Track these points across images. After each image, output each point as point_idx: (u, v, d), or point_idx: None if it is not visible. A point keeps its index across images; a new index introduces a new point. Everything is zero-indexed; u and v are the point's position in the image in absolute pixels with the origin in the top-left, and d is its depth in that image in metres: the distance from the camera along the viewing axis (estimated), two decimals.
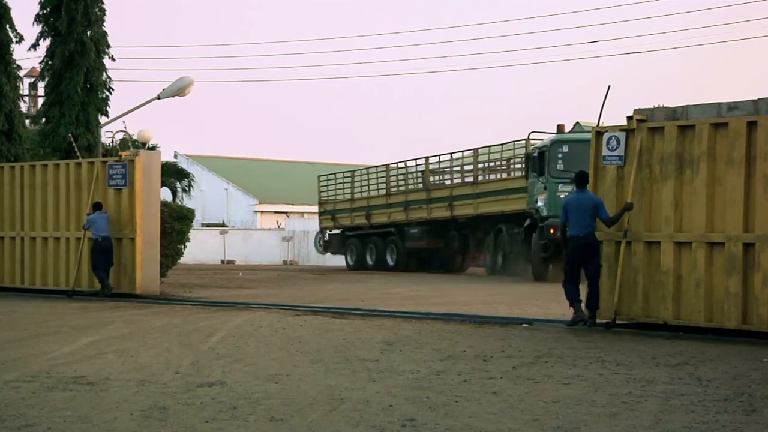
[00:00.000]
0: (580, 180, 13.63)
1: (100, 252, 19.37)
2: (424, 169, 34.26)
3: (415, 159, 34.95)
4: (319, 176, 40.90)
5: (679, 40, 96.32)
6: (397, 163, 36.15)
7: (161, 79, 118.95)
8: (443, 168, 34.67)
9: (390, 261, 35.05)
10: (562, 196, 23.11)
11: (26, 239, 21.26)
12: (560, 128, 27.43)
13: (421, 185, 34.29)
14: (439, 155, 34.19)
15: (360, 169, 38.11)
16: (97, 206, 19.46)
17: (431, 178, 34.17)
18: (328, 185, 39.61)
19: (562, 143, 25.70)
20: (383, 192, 35.95)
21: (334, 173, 39.47)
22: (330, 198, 39.11)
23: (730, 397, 8.31)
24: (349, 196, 37.68)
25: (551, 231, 24.08)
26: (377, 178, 36.70)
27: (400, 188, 35.46)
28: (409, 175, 35.67)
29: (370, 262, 35.95)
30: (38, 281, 20.98)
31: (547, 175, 25.43)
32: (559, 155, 25.43)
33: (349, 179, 38.08)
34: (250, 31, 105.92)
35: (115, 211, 19.60)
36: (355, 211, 36.89)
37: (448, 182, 34.31)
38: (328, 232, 39.00)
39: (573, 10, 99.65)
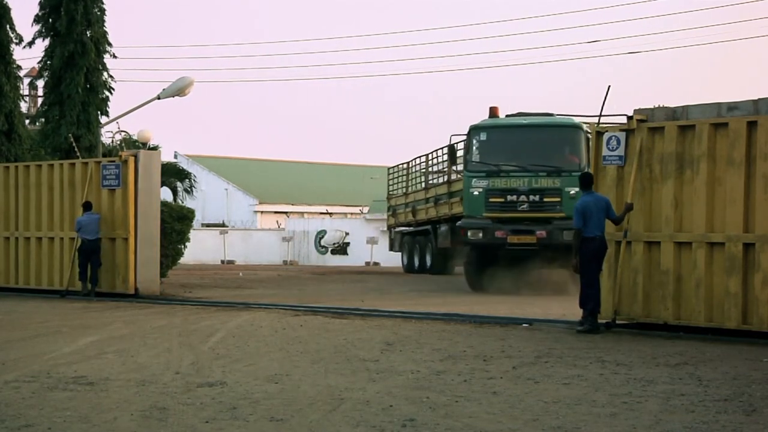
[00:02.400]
0: (587, 182, 13.45)
1: (84, 253, 19.40)
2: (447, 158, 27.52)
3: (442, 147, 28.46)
4: (388, 169, 37.38)
5: (679, 40, 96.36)
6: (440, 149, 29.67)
7: (161, 79, 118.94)
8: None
9: (428, 261, 31.17)
10: (476, 193, 21.40)
11: (20, 239, 21.27)
12: (492, 111, 22.75)
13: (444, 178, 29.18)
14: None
15: (421, 156, 32.31)
16: (86, 207, 19.46)
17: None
18: (392, 179, 36.06)
19: (480, 130, 21.82)
20: (422, 186, 31.58)
21: (400, 164, 35.31)
22: (393, 193, 35.86)
23: (730, 397, 8.31)
24: (404, 190, 33.99)
25: (462, 232, 21.83)
26: (419, 170, 32.41)
27: (431, 182, 30.68)
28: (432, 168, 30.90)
29: (416, 262, 32.14)
30: (32, 281, 20.99)
31: (464, 168, 22.35)
32: (476, 145, 21.79)
33: (405, 171, 34.18)
34: (250, 32, 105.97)
35: (108, 211, 19.61)
36: (407, 207, 32.73)
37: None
38: (393, 230, 35.60)
39: (573, 10, 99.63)
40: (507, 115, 22.48)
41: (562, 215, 20.41)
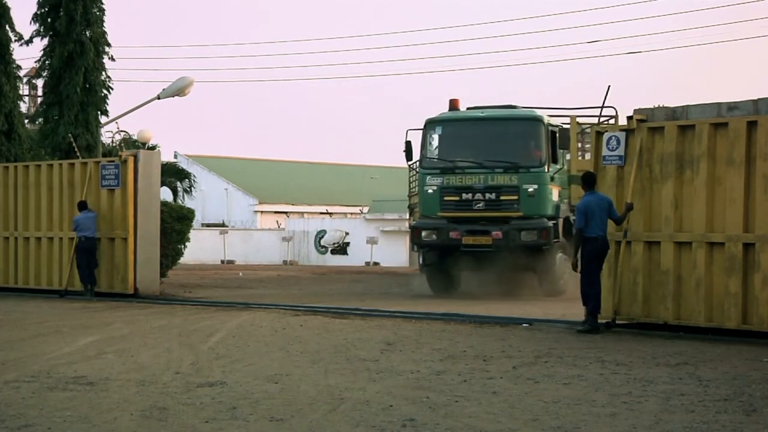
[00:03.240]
0: (590, 181, 13.35)
1: (81, 251, 19.42)
2: None
3: None
4: (409, 165, 36.66)
5: (679, 40, 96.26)
6: None
7: (161, 79, 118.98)
8: None
9: None
10: (430, 191, 20.01)
11: (20, 239, 21.29)
12: (453, 104, 21.28)
13: None
14: None
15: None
16: (82, 206, 19.48)
17: None
18: (413, 177, 35.21)
19: (435, 124, 20.42)
20: None
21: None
22: (414, 191, 34.65)
23: (730, 397, 8.31)
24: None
25: (415, 234, 20.33)
26: None
27: None
28: None
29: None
30: (32, 281, 21.01)
31: (419, 164, 20.87)
32: (432, 140, 20.42)
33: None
34: (250, 31, 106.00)
35: (107, 211, 19.64)
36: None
37: None
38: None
39: (573, 10, 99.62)
40: (468, 108, 21.15)
41: (520, 215, 19.29)
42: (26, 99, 37.95)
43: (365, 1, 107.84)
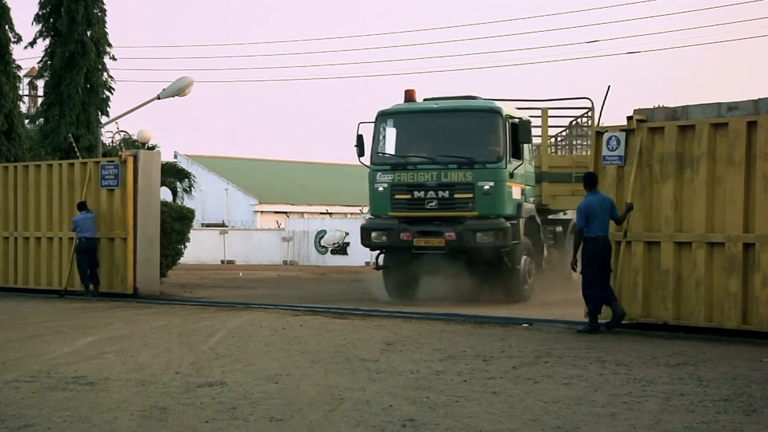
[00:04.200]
0: (591, 181, 13.30)
1: (82, 252, 19.42)
2: None
3: None
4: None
5: (679, 40, 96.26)
6: None
7: (161, 79, 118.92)
8: None
9: None
10: (380, 189, 18.54)
11: (20, 239, 21.30)
12: (409, 95, 19.62)
13: None
14: None
15: None
16: (81, 206, 19.49)
17: None
18: None
19: (387, 117, 18.97)
20: None
21: None
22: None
23: (730, 397, 8.31)
24: None
25: (365, 235, 18.82)
26: None
27: None
28: None
29: None
30: (31, 281, 21.02)
31: (370, 160, 19.07)
32: (383, 134, 18.99)
33: None
34: (250, 32, 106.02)
35: (107, 211, 19.66)
36: None
37: None
38: None
39: (573, 10, 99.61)
40: (425, 99, 19.59)
41: (475, 214, 17.81)
42: (26, 99, 37.98)
43: (365, 1, 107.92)
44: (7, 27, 24.36)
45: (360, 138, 18.91)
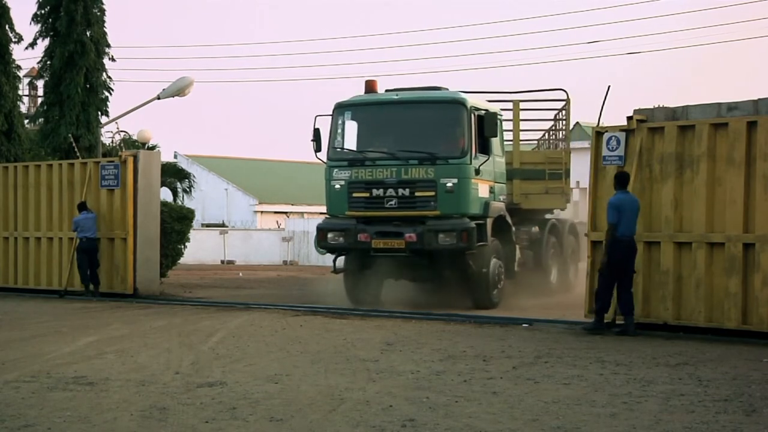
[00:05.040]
0: (624, 180, 12.96)
1: (82, 252, 19.43)
2: None
3: None
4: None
5: (679, 40, 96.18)
6: None
7: (161, 79, 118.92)
8: None
9: None
10: (337, 186, 17.21)
11: (20, 239, 21.30)
12: (369, 86, 18.11)
13: None
14: None
15: None
16: (82, 206, 19.50)
17: None
18: None
19: (344, 109, 17.56)
20: None
21: None
22: None
23: (730, 397, 8.31)
24: None
25: (320, 236, 17.40)
26: None
27: None
28: None
29: None
30: (31, 281, 21.02)
31: (326, 155, 17.63)
32: (341, 127, 17.60)
33: None
34: (251, 31, 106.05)
35: (107, 211, 19.66)
36: None
37: None
38: None
39: (573, 10, 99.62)
40: (386, 90, 18.13)
41: (437, 214, 16.41)
42: (26, 99, 37.95)
43: (366, 1, 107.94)
44: (7, 27, 24.35)
45: (317, 132, 17.60)
